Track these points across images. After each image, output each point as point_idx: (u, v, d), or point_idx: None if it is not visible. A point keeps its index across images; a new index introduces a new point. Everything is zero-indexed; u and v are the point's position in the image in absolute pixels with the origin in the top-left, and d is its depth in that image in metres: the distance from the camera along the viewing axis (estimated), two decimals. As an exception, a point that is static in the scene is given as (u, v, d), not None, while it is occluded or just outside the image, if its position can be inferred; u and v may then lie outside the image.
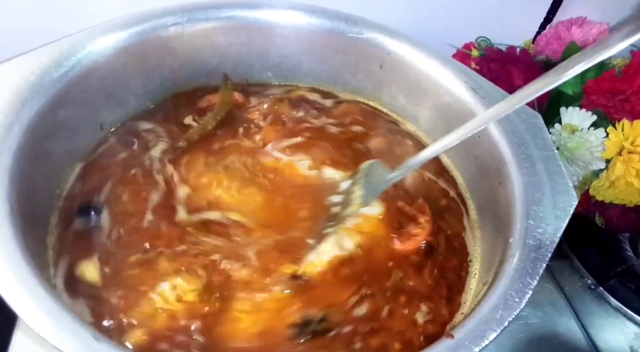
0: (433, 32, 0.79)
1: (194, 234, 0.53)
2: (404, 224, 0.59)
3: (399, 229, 0.58)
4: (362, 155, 0.66)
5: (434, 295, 0.54)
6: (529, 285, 0.45)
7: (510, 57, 0.83)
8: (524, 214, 0.52)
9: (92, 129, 0.61)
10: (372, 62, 0.72)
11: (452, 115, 0.66)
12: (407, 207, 0.60)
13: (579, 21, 0.85)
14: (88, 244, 0.51)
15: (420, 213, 0.60)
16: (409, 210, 0.60)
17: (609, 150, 0.71)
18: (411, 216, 0.60)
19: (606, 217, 0.78)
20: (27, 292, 0.38)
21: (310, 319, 0.49)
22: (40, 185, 0.52)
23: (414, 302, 0.53)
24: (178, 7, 0.66)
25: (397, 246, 0.57)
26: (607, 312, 0.76)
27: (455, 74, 0.66)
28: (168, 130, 0.65)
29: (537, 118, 0.61)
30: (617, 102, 0.73)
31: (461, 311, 0.54)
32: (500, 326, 0.42)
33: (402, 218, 0.59)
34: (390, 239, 0.57)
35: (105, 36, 0.59)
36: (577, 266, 0.81)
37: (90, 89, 0.59)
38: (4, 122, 0.47)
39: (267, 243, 0.54)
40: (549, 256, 0.47)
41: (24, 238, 0.42)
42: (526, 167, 0.56)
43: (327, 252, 0.53)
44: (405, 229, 0.58)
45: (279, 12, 0.70)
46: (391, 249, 0.57)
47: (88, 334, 0.37)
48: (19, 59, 0.52)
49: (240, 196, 0.59)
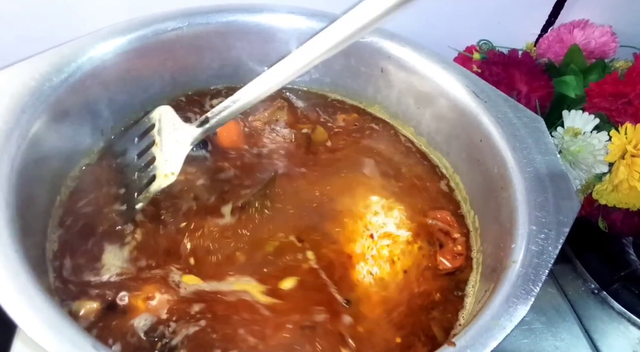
0: (434, 36, 0.79)
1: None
2: (443, 242, 0.60)
3: (442, 248, 0.59)
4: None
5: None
6: (531, 291, 0.45)
7: (512, 60, 0.82)
8: (527, 219, 0.51)
9: (92, 134, 0.61)
10: (373, 66, 0.72)
11: (454, 120, 0.66)
12: (439, 223, 0.61)
13: (581, 24, 0.85)
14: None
15: (449, 226, 0.60)
16: (442, 227, 0.60)
17: (612, 154, 0.70)
18: (445, 232, 0.60)
19: (609, 221, 0.77)
20: (27, 301, 0.37)
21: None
22: (40, 191, 0.52)
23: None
24: (178, 12, 0.65)
25: (447, 265, 0.58)
26: (611, 317, 0.76)
27: (457, 78, 0.65)
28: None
29: (539, 122, 0.61)
30: (620, 105, 0.72)
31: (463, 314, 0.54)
32: (502, 334, 0.42)
33: (439, 234, 0.60)
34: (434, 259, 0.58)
35: (106, 41, 0.59)
36: (580, 270, 0.80)
37: (90, 95, 0.59)
38: (3, 128, 0.47)
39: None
40: (551, 262, 0.47)
41: (23, 246, 0.41)
42: (528, 171, 0.56)
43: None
44: (447, 246, 0.59)
45: (279, 17, 0.70)
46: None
47: (87, 344, 0.37)
48: (19, 65, 0.52)
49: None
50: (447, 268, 0.58)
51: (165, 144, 0.56)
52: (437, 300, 0.55)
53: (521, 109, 0.62)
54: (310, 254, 0.56)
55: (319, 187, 0.63)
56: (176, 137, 0.55)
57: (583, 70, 0.81)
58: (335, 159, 0.68)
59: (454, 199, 0.66)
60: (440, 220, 0.62)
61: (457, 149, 0.67)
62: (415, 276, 0.56)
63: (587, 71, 0.81)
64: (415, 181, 0.67)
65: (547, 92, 0.78)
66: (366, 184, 0.65)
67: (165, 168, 0.55)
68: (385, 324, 0.52)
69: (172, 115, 0.57)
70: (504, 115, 0.61)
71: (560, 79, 0.80)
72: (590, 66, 0.82)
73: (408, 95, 0.72)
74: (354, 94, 0.76)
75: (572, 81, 0.79)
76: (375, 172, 0.67)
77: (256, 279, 0.52)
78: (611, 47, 0.85)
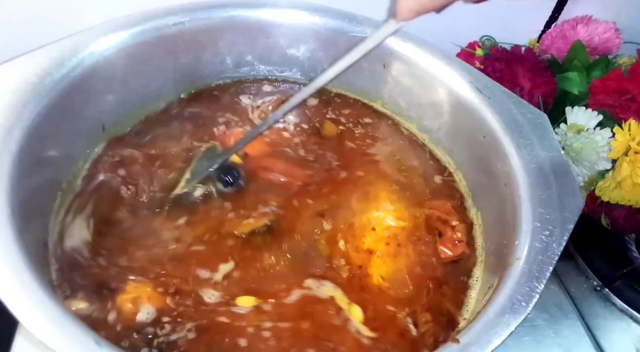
0: (437, 31, 0.78)
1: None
2: (442, 230, 0.59)
3: (441, 237, 0.59)
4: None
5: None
6: (535, 289, 0.45)
7: (515, 57, 0.81)
8: (530, 216, 0.51)
9: (93, 130, 0.61)
10: (375, 62, 0.72)
11: (458, 116, 0.66)
12: (437, 212, 0.60)
13: (585, 20, 0.84)
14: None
15: (447, 215, 0.60)
16: (440, 215, 0.60)
17: (615, 151, 0.70)
18: (444, 220, 0.60)
19: (612, 218, 0.77)
20: (28, 296, 0.37)
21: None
22: (41, 188, 0.51)
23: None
24: (180, 6, 0.65)
25: (448, 253, 0.57)
26: (613, 314, 0.76)
27: (461, 74, 0.65)
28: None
29: (543, 118, 0.61)
30: (623, 101, 0.72)
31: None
32: (506, 331, 0.42)
33: (437, 224, 0.60)
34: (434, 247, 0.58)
35: (107, 36, 0.59)
36: (582, 267, 0.80)
37: (92, 90, 0.58)
38: (4, 124, 0.47)
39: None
40: (556, 259, 0.47)
41: (24, 242, 0.41)
42: (532, 168, 0.55)
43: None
44: (446, 235, 0.59)
45: (281, 12, 0.70)
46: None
47: (89, 339, 0.37)
48: (19, 59, 0.52)
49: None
50: (448, 256, 0.57)
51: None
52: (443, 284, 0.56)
53: (525, 105, 0.62)
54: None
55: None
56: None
57: (586, 66, 0.80)
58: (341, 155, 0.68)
59: (456, 195, 0.66)
60: (438, 209, 0.61)
61: (460, 145, 0.67)
62: (418, 266, 0.57)
63: (591, 67, 0.81)
64: (418, 176, 0.67)
65: (550, 88, 0.78)
66: (367, 179, 0.65)
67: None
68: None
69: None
70: (507, 112, 0.61)
71: (564, 75, 0.79)
72: (594, 62, 0.81)
73: (411, 91, 0.71)
74: (356, 90, 0.76)
75: (575, 78, 0.79)
76: (377, 166, 0.67)
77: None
78: (615, 43, 0.84)
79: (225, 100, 0.72)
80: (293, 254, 0.55)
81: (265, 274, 0.53)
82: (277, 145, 0.67)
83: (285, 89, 0.76)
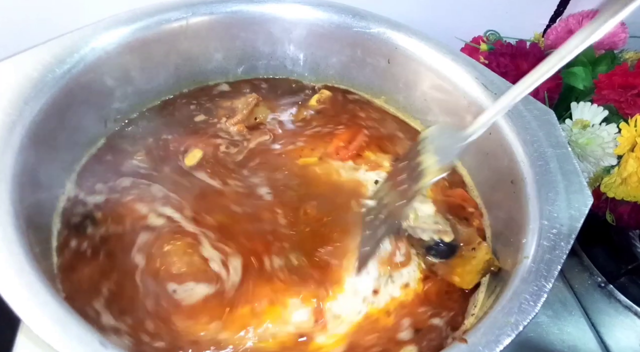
0: (441, 26, 0.78)
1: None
2: (461, 216, 0.60)
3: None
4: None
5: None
6: (543, 288, 0.44)
7: (519, 51, 0.81)
8: (538, 214, 0.51)
9: (95, 126, 0.60)
10: (379, 57, 0.71)
11: (462, 112, 0.65)
12: (452, 198, 0.61)
13: (591, 14, 0.83)
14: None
15: (464, 202, 0.61)
16: (454, 200, 0.61)
17: (620, 147, 0.69)
18: (458, 205, 0.60)
19: (617, 214, 0.76)
20: (32, 296, 0.37)
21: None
22: (43, 185, 0.51)
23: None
24: (182, 1, 0.64)
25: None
26: (617, 311, 0.75)
27: (466, 70, 0.65)
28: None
29: (549, 114, 0.60)
30: (629, 97, 0.71)
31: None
32: (515, 331, 0.41)
33: (453, 210, 0.60)
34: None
35: (109, 32, 0.58)
36: (587, 264, 0.80)
37: (93, 86, 0.58)
38: (6, 120, 0.46)
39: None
40: (564, 257, 0.46)
41: (27, 240, 0.41)
42: (539, 165, 0.55)
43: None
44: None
45: (284, 7, 0.69)
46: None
47: (94, 340, 0.36)
48: (21, 55, 0.51)
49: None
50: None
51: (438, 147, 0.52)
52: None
53: (532, 101, 0.61)
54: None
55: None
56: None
57: (592, 61, 0.80)
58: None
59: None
60: (454, 195, 0.62)
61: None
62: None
63: (596, 62, 0.80)
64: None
65: (555, 83, 0.77)
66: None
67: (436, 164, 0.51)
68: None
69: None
70: (514, 108, 0.60)
71: (569, 70, 0.79)
72: (599, 57, 0.80)
73: (415, 87, 0.71)
74: (360, 86, 0.75)
75: (580, 73, 0.78)
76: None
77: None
78: (621, 37, 0.83)
79: (228, 95, 0.71)
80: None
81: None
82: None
83: (287, 84, 0.75)
